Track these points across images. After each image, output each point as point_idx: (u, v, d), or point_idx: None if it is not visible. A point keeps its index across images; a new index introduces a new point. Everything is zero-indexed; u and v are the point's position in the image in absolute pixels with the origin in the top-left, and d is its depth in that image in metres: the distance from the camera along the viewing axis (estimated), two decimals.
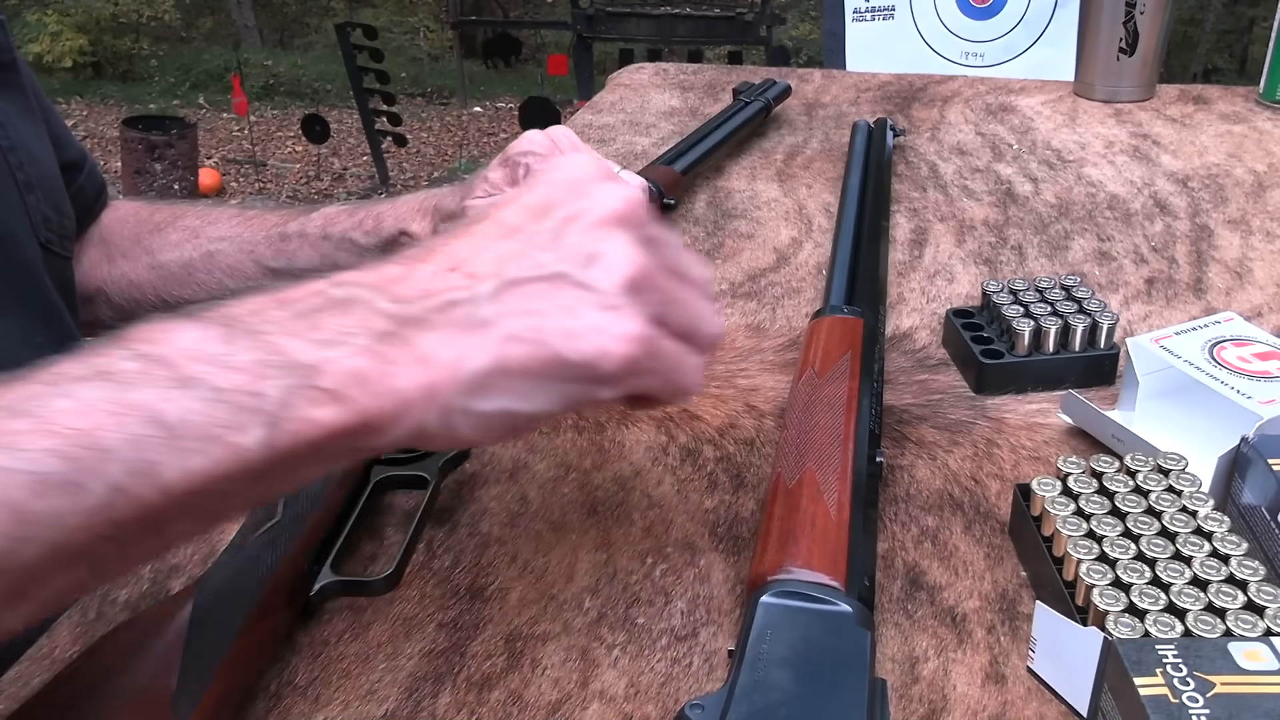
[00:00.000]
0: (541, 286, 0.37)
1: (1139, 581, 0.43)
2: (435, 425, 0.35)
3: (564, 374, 0.37)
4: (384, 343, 0.35)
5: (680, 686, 0.44)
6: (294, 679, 0.45)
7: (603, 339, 0.37)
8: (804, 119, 1.10)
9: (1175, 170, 0.94)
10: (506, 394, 0.36)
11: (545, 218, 0.39)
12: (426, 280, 0.37)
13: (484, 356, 0.36)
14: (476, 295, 0.37)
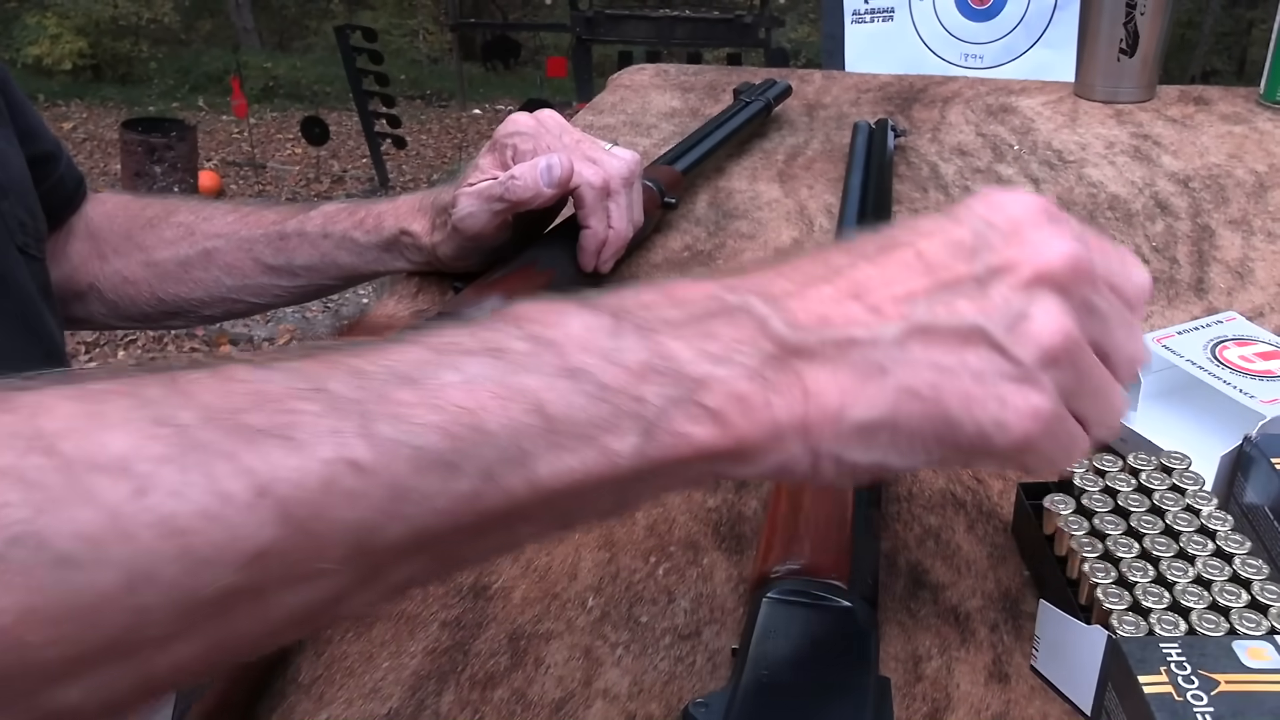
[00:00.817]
0: (953, 341, 0.33)
1: (1143, 580, 0.43)
2: (802, 463, 0.33)
3: (950, 438, 0.33)
4: (771, 368, 0.33)
5: (684, 685, 0.44)
6: (297, 677, 0.45)
7: (1006, 413, 0.33)
8: (805, 120, 1.11)
9: (1176, 171, 0.94)
10: (886, 449, 0.34)
11: (973, 261, 0.34)
12: (825, 305, 0.34)
13: (874, 409, 0.33)
14: (879, 338, 0.33)
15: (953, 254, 0.35)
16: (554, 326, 0.31)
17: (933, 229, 0.36)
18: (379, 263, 0.74)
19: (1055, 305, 0.34)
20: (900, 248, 0.35)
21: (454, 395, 0.29)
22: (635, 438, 0.30)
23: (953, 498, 0.54)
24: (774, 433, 0.32)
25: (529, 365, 0.30)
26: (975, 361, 0.33)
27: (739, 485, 0.55)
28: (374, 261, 0.74)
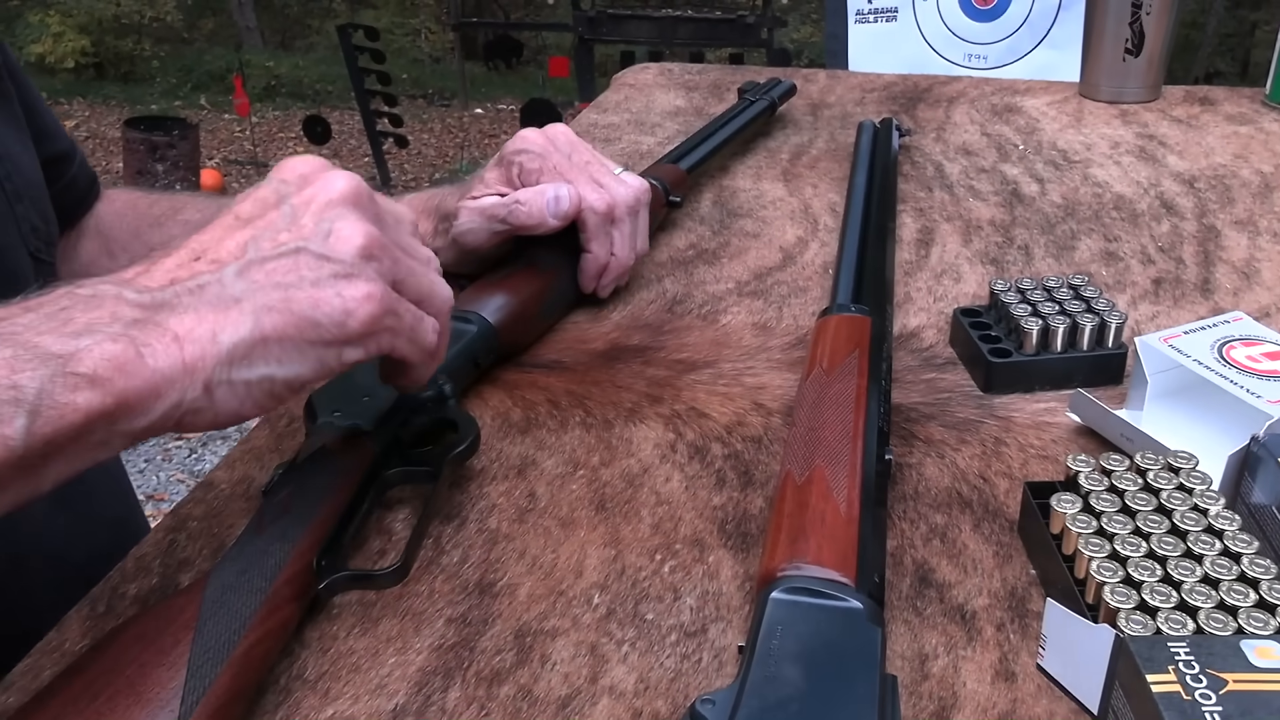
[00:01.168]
0: (284, 262, 0.41)
1: (1150, 579, 0.43)
2: (199, 400, 0.38)
3: (315, 336, 0.41)
4: (136, 328, 0.37)
5: (690, 682, 0.44)
6: (303, 673, 0.45)
7: (346, 301, 0.41)
8: (809, 119, 1.10)
9: (1182, 171, 0.94)
10: (266, 361, 0.40)
11: (280, 205, 0.43)
12: (171, 270, 0.41)
13: (241, 328, 0.39)
14: (224, 277, 0.40)
15: (263, 206, 0.44)
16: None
17: (244, 196, 0.45)
18: None
19: (353, 215, 0.43)
20: (222, 216, 0.44)
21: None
22: (22, 419, 0.34)
23: (959, 496, 0.54)
24: (159, 380, 0.37)
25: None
26: (307, 272, 0.41)
27: (745, 482, 0.55)
28: None
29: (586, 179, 0.69)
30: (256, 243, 0.42)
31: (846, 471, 0.48)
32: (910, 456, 0.57)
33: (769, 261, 0.80)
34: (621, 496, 0.54)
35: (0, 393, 0.34)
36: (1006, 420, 0.60)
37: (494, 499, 0.54)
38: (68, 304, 0.38)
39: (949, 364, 0.65)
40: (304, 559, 0.46)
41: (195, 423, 0.39)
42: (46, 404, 0.34)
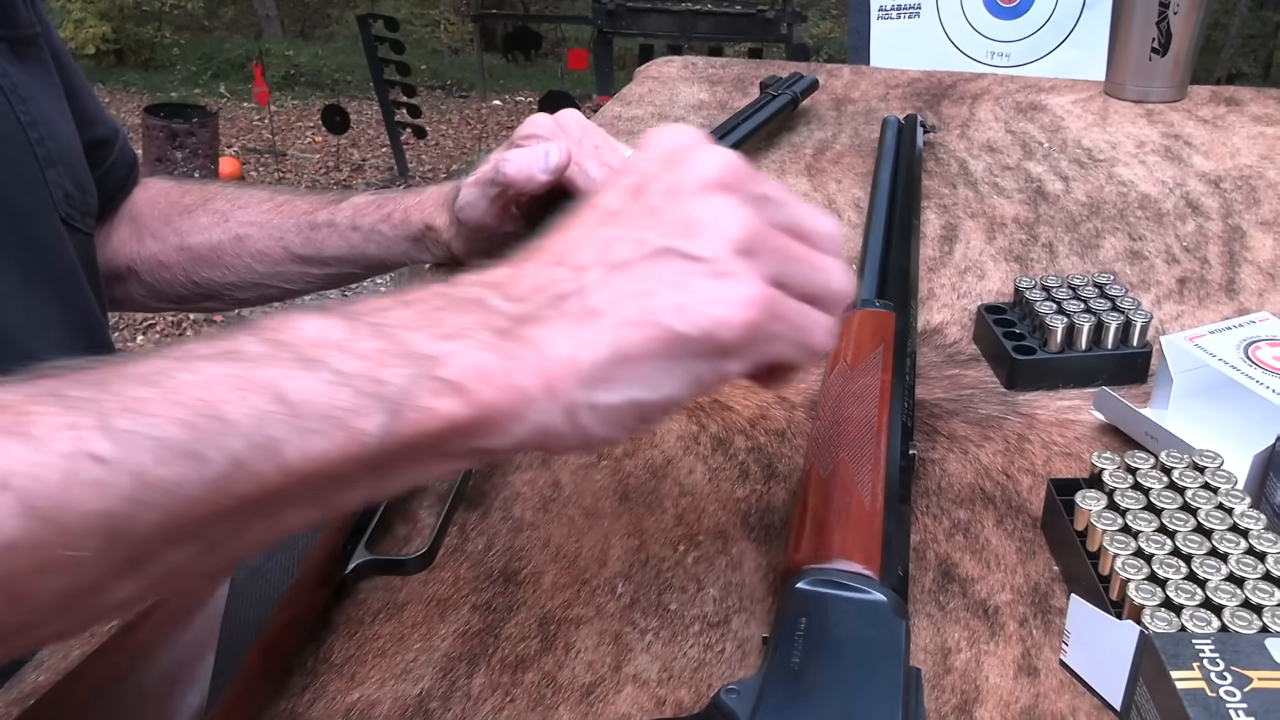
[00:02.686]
0: (647, 265, 0.36)
1: (1175, 577, 0.43)
2: (561, 424, 0.34)
3: (685, 352, 0.35)
4: (503, 339, 0.34)
5: (713, 672, 0.44)
6: (330, 657, 0.45)
7: (718, 308, 0.35)
8: (833, 114, 1.10)
9: (1207, 171, 0.94)
10: (631, 383, 0.35)
11: (642, 195, 0.38)
12: (534, 277, 0.37)
13: (600, 346, 0.34)
14: (584, 285, 0.36)
15: (625, 196, 0.38)
16: (287, 330, 0.33)
17: (606, 183, 0.40)
18: (405, 255, 0.74)
19: (725, 202, 0.37)
20: (584, 211, 0.39)
21: (192, 391, 0.30)
22: (381, 417, 0.31)
23: (982, 492, 0.54)
24: (519, 397, 0.33)
25: (265, 362, 0.31)
26: (671, 275, 0.35)
27: (768, 475, 0.55)
28: (401, 254, 0.74)
29: (596, 161, 0.68)
30: (617, 243, 0.37)
31: (871, 466, 0.48)
32: (933, 452, 0.57)
33: None
34: (645, 487, 0.55)
35: (364, 384, 0.32)
36: (1029, 417, 0.60)
37: (518, 488, 0.55)
38: (441, 304, 0.35)
39: (972, 360, 0.65)
40: (330, 544, 0.47)
41: (559, 446, 0.35)
42: (408, 405, 0.32)
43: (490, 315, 0.35)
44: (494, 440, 0.34)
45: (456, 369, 0.33)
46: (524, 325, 0.35)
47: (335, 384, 0.31)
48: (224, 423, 0.29)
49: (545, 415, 0.34)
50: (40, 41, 0.66)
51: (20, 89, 0.62)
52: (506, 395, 0.33)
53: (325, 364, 0.32)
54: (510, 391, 0.33)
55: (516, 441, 0.34)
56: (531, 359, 0.34)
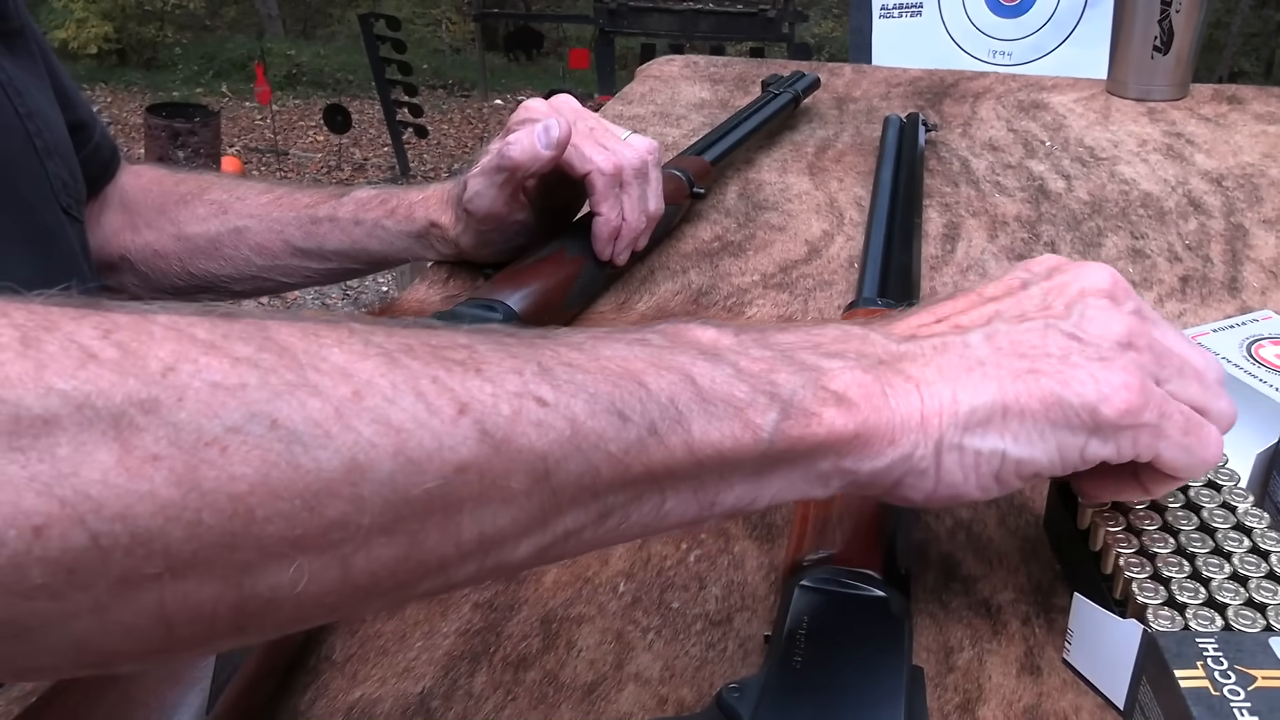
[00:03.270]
0: (1033, 336, 0.38)
1: (1178, 576, 0.43)
2: (927, 459, 0.36)
3: (1061, 418, 0.36)
4: (884, 368, 0.36)
5: (715, 670, 0.44)
6: (331, 655, 0.45)
7: (1101, 384, 0.36)
8: (834, 113, 1.10)
9: (1209, 169, 0.94)
10: (1002, 434, 0.36)
11: (1027, 289, 0.40)
12: (913, 327, 0.39)
13: (983, 393, 0.36)
14: (969, 340, 0.37)
15: (1009, 288, 0.41)
16: (686, 333, 0.36)
17: (988, 280, 0.42)
18: (408, 252, 0.74)
19: (1109, 305, 0.39)
20: (965, 293, 0.42)
21: (616, 361, 0.32)
22: (774, 414, 0.33)
23: None
24: (894, 420, 0.35)
25: (673, 351, 0.34)
26: (1057, 348, 0.37)
27: None
28: (403, 250, 0.74)
29: (592, 143, 0.68)
30: (1001, 317, 0.39)
31: None
32: None
33: (794, 254, 0.80)
34: None
35: (760, 383, 0.34)
36: None
37: None
38: (820, 333, 0.38)
39: None
40: None
41: (914, 488, 0.37)
42: (797, 408, 0.34)
43: (871, 346, 0.37)
44: (864, 461, 0.35)
45: (842, 383, 0.35)
46: (905, 361, 0.37)
47: (735, 378, 0.34)
48: (645, 390, 0.32)
49: (915, 446, 0.35)
50: (26, 33, 0.66)
51: (15, 81, 0.62)
52: (884, 417, 0.35)
53: (726, 359, 0.34)
54: (888, 413, 0.35)
55: (883, 467, 0.36)
56: (912, 390, 0.36)
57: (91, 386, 0.24)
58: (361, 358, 0.28)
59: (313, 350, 0.27)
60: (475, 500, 0.28)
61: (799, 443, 0.34)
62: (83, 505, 0.23)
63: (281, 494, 0.25)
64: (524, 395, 0.29)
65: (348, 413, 0.26)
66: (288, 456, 0.25)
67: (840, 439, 0.34)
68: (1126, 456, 0.38)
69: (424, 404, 0.28)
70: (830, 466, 0.35)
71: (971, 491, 0.37)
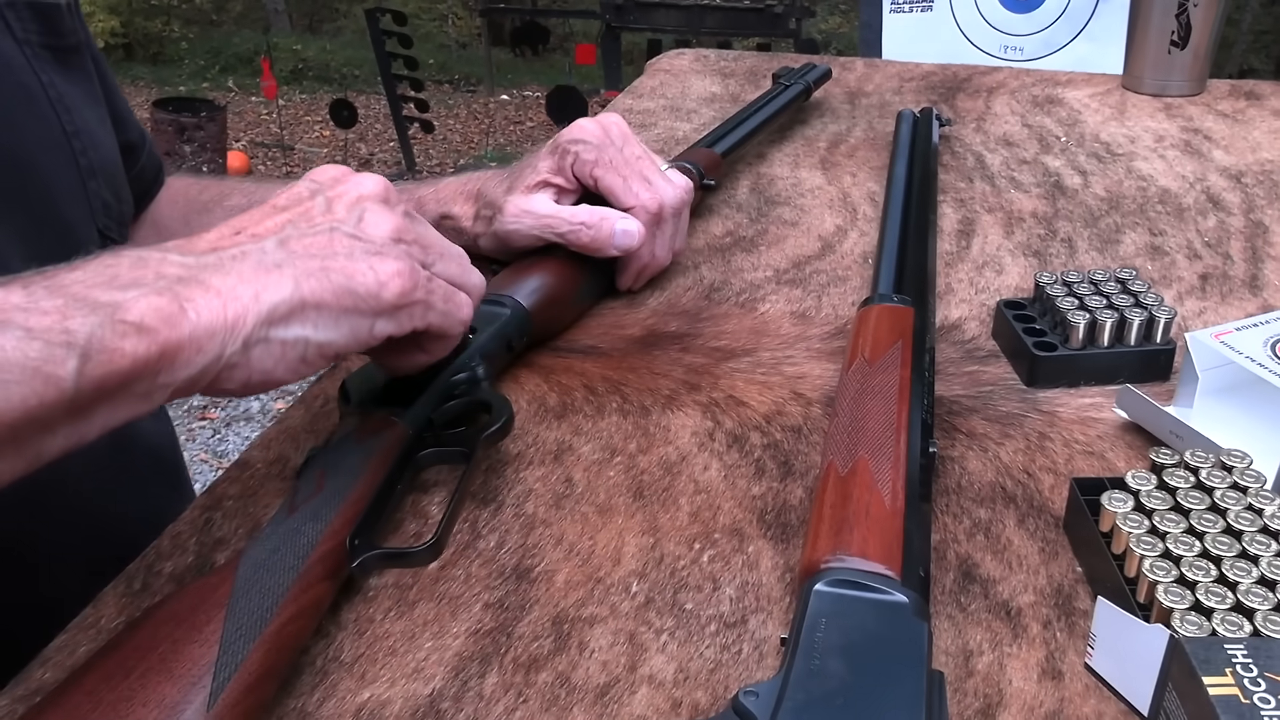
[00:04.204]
0: (320, 239, 0.44)
1: (1204, 579, 0.42)
2: (237, 356, 0.40)
3: (351, 304, 0.43)
4: (180, 285, 0.39)
5: (730, 674, 0.43)
6: (340, 655, 0.44)
7: (379, 274, 0.44)
8: (847, 107, 1.09)
9: (1228, 166, 0.92)
10: (303, 324, 0.42)
11: (314, 198, 0.47)
12: (213, 241, 0.43)
13: (283, 289, 0.41)
14: (265, 246, 0.43)
15: (297, 199, 0.47)
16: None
17: (280, 191, 0.48)
18: None
19: (383, 208, 0.47)
20: (260, 206, 0.46)
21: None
22: (74, 362, 0.36)
23: (1003, 491, 0.53)
24: (201, 332, 0.39)
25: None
26: (341, 248, 0.44)
27: (784, 472, 0.54)
28: None
29: (638, 176, 0.68)
30: (291, 223, 0.45)
31: (891, 463, 0.47)
32: (953, 450, 0.56)
33: (808, 250, 0.79)
34: (659, 484, 0.54)
35: (53, 336, 0.35)
36: (1051, 415, 0.59)
37: (530, 484, 0.54)
38: (113, 263, 0.40)
39: (991, 356, 0.64)
40: (336, 538, 0.46)
41: (230, 381, 0.41)
42: (96, 348, 0.36)
43: (165, 267, 0.40)
44: (178, 374, 0.39)
45: (137, 311, 0.38)
46: (203, 273, 0.40)
47: (26, 339, 0.35)
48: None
49: (223, 347, 0.40)
50: (83, 50, 0.66)
51: (65, 99, 0.62)
52: (185, 331, 0.38)
53: (12, 324, 0.35)
54: (189, 326, 0.39)
55: (196, 373, 0.39)
56: (213, 299, 0.40)
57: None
58: None
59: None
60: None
61: (107, 379, 0.36)
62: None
63: None
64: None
65: None
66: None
67: (147, 363, 0.37)
68: (406, 329, 0.46)
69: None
70: (146, 386, 0.38)
71: (283, 376, 0.43)
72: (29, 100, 0.60)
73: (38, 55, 0.61)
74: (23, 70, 0.60)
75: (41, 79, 0.61)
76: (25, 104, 0.59)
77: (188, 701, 0.38)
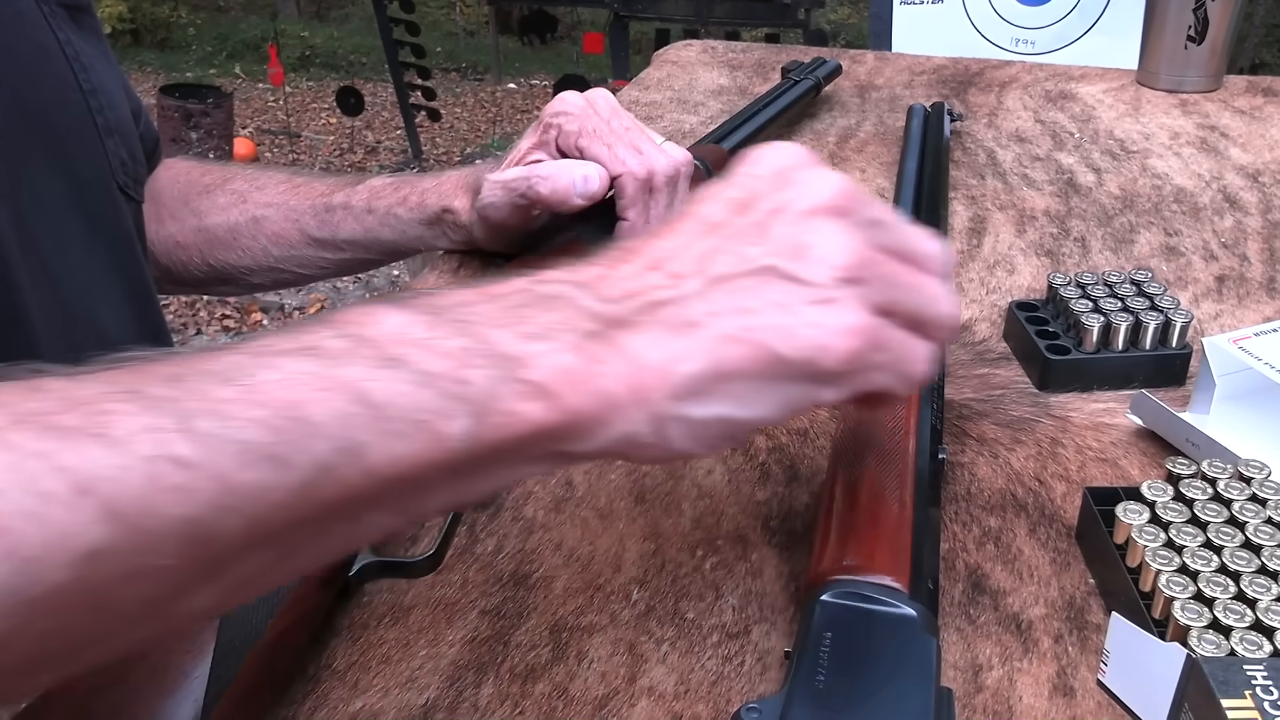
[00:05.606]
0: (750, 282, 0.35)
1: (1222, 596, 0.41)
2: (647, 434, 0.33)
3: (783, 374, 0.34)
4: (591, 341, 0.33)
5: (732, 686, 0.42)
6: (332, 663, 0.43)
7: (820, 334, 0.34)
8: (856, 101, 1.08)
9: (1245, 164, 0.91)
10: (724, 399, 0.34)
11: (749, 211, 0.37)
12: (628, 280, 0.35)
13: (697, 359, 0.33)
14: (683, 294, 0.35)
15: (729, 210, 0.37)
16: (369, 325, 0.31)
17: (708, 195, 0.38)
18: (421, 240, 0.72)
19: (834, 228, 0.36)
20: (683, 218, 0.37)
21: (274, 391, 0.28)
22: (465, 420, 0.30)
23: (1013, 499, 0.52)
24: (606, 403, 0.32)
25: (347, 360, 0.30)
26: (776, 296, 0.34)
27: (790, 477, 0.53)
28: (416, 239, 0.72)
29: (626, 144, 0.66)
30: (719, 255, 0.36)
31: (899, 470, 0.46)
32: (962, 455, 0.55)
33: None
34: (661, 488, 0.52)
35: (447, 386, 0.30)
36: (1063, 420, 0.57)
37: (529, 486, 0.53)
38: (527, 300, 0.34)
39: (1002, 359, 0.63)
40: None
41: (643, 456, 0.35)
42: (492, 408, 0.31)
43: (579, 316, 0.34)
44: (577, 445, 0.33)
45: (542, 371, 0.32)
46: (616, 329, 0.34)
47: (418, 385, 0.30)
48: (308, 425, 0.28)
49: (632, 424, 0.33)
50: (92, 10, 0.65)
51: (82, 57, 0.61)
52: (593, 401, 0.32)
53: (408, 363, 0.30)
54: (597, 397, 0.32)
55: (600, 448, 0.33)
56: (621, 365, 0.33)
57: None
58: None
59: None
60: (120, 579, 0.25)
61: (498, 444, 0.31)
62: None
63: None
64: (159, 459, 0.26)
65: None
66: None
67: (545, 432, 0.32)
68: (846, 397, 0.37)
69: (34, 492, 0.24)
70: (541, 453, 0.33)
71: (703, 452, 0.36)
72: (47, 58, 0.59)
73: (54, 13, 0.60)
74: (40, 28, 0.59)
75: (59, 36, 0.60)
76: (43, 61, 0.59)
77: (180, 715, 0.37)
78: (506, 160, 0.68)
